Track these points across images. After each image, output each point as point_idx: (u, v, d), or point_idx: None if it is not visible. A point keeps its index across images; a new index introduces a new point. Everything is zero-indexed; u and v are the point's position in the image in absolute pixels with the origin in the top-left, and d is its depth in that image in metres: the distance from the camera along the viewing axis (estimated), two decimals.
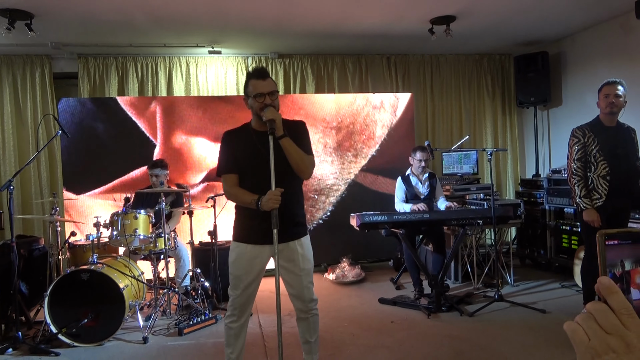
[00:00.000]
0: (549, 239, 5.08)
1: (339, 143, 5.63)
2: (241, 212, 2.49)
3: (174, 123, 5.28)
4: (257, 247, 2.42)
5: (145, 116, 5.23)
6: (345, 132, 5.64)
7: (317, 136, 5.51)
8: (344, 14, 4.62)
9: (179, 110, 5.28)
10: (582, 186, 3.36)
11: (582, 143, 3.38)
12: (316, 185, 5.54)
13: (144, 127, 5.23)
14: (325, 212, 5.57)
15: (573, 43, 5.72)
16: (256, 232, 2.41)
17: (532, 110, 6.20)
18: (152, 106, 5.24)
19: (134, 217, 3.79)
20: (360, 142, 5.68)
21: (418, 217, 4.09)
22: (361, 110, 5.68)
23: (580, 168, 3.37)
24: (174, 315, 3.92)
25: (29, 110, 5.42)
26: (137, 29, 4.82)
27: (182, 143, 5.28)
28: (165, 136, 5.26)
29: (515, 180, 6.49)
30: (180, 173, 5.25)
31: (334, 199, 5.60)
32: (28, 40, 4.58)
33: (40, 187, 5.45)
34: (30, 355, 3.28)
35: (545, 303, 4.00)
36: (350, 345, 3.30)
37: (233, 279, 2.46)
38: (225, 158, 2.46)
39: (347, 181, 5.64)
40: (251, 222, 2.43)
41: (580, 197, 3.35)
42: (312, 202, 5.53)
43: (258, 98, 2.34)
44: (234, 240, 2.49)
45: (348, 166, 5.63)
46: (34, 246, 4.13)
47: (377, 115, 5.72)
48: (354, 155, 5.66)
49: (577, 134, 3.42)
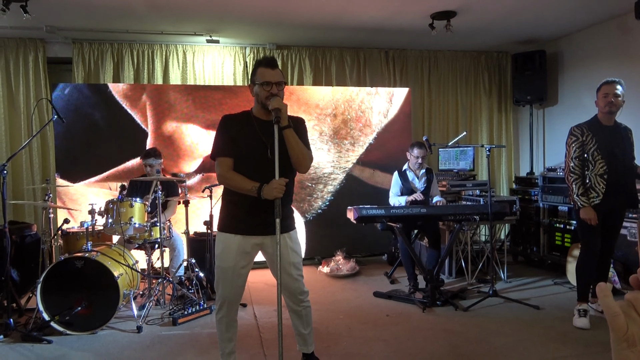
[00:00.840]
0: (542, 237, 5.12)
1: (335, 131, 5.62)
2: (231, 201, 2.42)
3: (164, 111, 5.22)
4: (246, 238, 2.37)
5: (136, 105, 5.17)
6: (341, 120, 5.63)
7: (312, 123, 5.49)
8: (344, 6, 4.58)
9: (168, 98, 5.23)
10: (580, 184, 3.38)
11: (580, 141, 3.40)
12: (313, 174, 5.52)
13: (136, 116, 5.17)
14: (325, 202, 5.57)
15: (571, 42, 5.75)
16: (246, 222, 2.36)
17: (528, 108, 6.23)
18: (143, 96, 5.18)
19: (130, 205, 3.74)
20: (357, 129, 5.67)
21: (415, 211, 4.10)
22: (355, 97, 5.68)
23: (578, 166, 3.40)
24: (168, 305, 3.89)
25: (22, 95, 5.32)
26: (135, 15, 4.74)
27: (172, 131, 5.23)
28: (155, 124, 5.20)
29: (509, 177, 6.53)
30: (173, 161, 5.20)
31: (332, 188, 5.59)
32: (22, 23, 4.48)
33: (32, 173, 5.36)
34: (22, 343, 3.23)
35: (538, 299, 4.03)
36: (346, 337, 3.30)
37: (220, 271, 2.41)
38: (222, 141, 2.39)
39: (345, 170, 5.64)
40: (242, 211, 2.37)
41: (577, 195, 3.37)
42: (310, 191, 5.51)
43: (265, 86, 2.31)
44: (221, 231, 2.43)
45: (345, 154, 5.61)
46: (26, 232, 4.08)
47: (372, 101, 5.71)
48: (351, 143, 5.65)
49: (576, 132, 3.44)
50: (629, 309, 0.60)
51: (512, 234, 5.65)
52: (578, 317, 3.42)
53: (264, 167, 2.27)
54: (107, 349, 3.13)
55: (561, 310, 3.72)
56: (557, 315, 3.64)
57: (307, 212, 5.53)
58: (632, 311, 0.60)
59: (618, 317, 0.59)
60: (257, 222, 2.33)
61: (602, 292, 0.60)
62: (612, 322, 0.60)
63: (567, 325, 3.43)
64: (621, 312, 0.59)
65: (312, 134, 5.35)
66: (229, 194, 2.43)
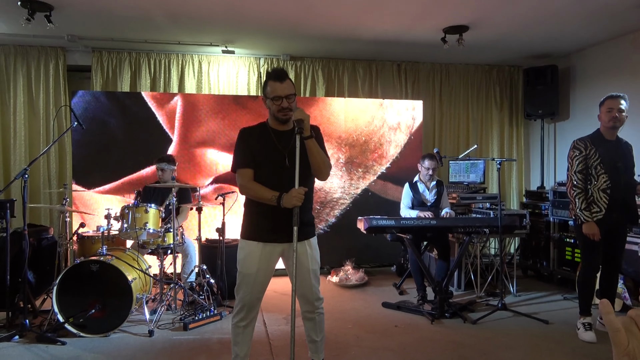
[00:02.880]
0: (552, 251, 5.11)
1: (351, 159, 5.71)
2: (253, 210, 2.49)
3: (193, 123, 5.33)
4: (268, 246, 2.44)
5: (165, 113, 5.29)
6: (358, 150, 5.72)
7: (330, 152, 5.59)
8: (359, 19, 4.67)
9: (199, 110, 5.33)
10: (583, 199, 3.37)
11: (583, 155, 3.40)
12: (322, 197, 5.60)
13: (165, 124, 5.28)
14: (328, 223, 5.62)
15: (583, 58, 5.77)
16: (268, 230, 2.43)
17: (539, 122, 6.24)
18: (174, 102, 5.30)
19: (145, 210, 3.82)
20: (372, 159, 5.76)
21: (425, 223, 4.13)
22: (377, 131, 5.76)
23: (581, 180, 3.39)
24: (179, 310, 3.95)
25: (42, 102, 5.46)
26: (153, 26, 4.87)
27: (197, 143, 5.32)
28: (182, 135, 5.30)
29: (519, 191, 6.52)
30: (191, 175, 5.29)
31: (337, 212, 5.66)
32: (44, 32, 4.63)
33: (48, 177, 5.48)
34: (36, 344, 3.30)
35: (547, 314, 4.02)
36: (355, 346, 3.32)
37: (242, 277, 2.46)
38: (241, 154, 2.45)
39: (353, 196, 5.71)
40: (263, 220, 2.44)
41: (580, 210, 3.36)
42: (315, 214, 5.58)
43: (275, 101, 2.37)
44: (243, 239, 2.49)
45: (356, 182, 5.69)
46: (43, 235, 4.17)
47: (393, 136, 5.80)
48: (364, 171, 5.72)
49: (579, 146, 3.44)
50: (631, 324, 0.64)
51: (521, 248, 5.64)
52: (584, 331, 3.41)
53: (283, 177, 2.34)
54: (120, 352, 3.19)
55: (571, 325, 3.71)
56: (567, 331, 3.63)
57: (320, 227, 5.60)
58: (634, 327, 0.64)
59: (619, 332, 0.63)
60: (278, 230, 2.39)
61: (605, 308, 0.64)
62: (613, 338, 0.64)
63: (577, 341, 3.42)
64: (622, 328, 0.63)
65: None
66: (250, 203, 2.50)
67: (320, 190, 5.55)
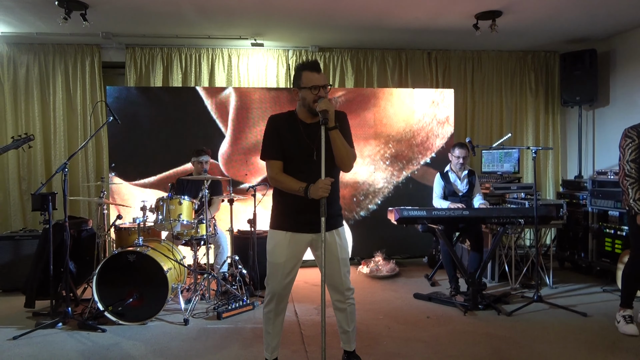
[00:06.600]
0: (590, 242, 4.94)
1: (397, 154, 5.68)
2: (281, 201, 2.51)
3: (248, 120, 5.38)
4: (296, 235, 2.46)
5: (218, 107, 5.38)
6: (405, 145, 5.69)
7: (377, 148, 5.61)
8: (388, 7, 4.60)
9: (251, 108, 5.40)
10: (637, 188, 3.24)
11: (636, 143, 3.27)
12: (365, 190, 5.63)
13: (218, 120, 5.37)
14: (368, 211, 5.66)
15: (624, 41, 5.52)
16: (296, 220, 2.45)
17: (576, 109, 6.03)
18: (225, 94, 5.36)
19: (179, 202, 3.91)
20: (418, 152, 5.72)
21: (457, 213, 4.06)
22: (426, 126, 5.71)
23: (634, 169, 3.26)
24: (212, 300, 4.03)
25: (79, 98, 5.66)
26: (184, 20, 4.94)
27: (252, 144, 5.36)
28: (235, 133, 5.38)
29: (555, 181, 6.33)
30: (241, 176, 5.36)
31: (378, 200, 5.67)
32: (80, 30, 4.78)
33: (87, 171, 5.68)
34: (79, 330, 3.44)
35: (586, 307, 3.91)
36: (386, 337, 3.32)
37: (271, 267, 2.50)
38: (270, 143, 2.47)
39: (394, 184, 5.70)
40: (292, 210, 2.46)
41: (635, 200, 3.23)
42: (356, 203, 5.60)
43: (314, 90, 2.38)
44: (272, 229, 2.52)
45: (398, 172, 5.66)
46: (83, 227, 4.32)
47: (440, 130, 5.74)
48: (407, 162, 5.69)
49: (631, 134, 3.31)
50: None
51: (558, 239, 5.48)
52: (625, 324, 3.30)
53: (310, 168, 2.36)
54: (157, 339, 3.29)
55: (610, 318, 3.58)
56: (606, 324, 3.52)
57: (351, 219, 5.59)
58: None
59: None
60: (307, 220, 2.41)
61: None
62: None
63: (617, 334, 3.31)
64: None
65: (374, 157, 5.58)
66: (279, 194, 2.52)
67: (362, 184, 5.60)
